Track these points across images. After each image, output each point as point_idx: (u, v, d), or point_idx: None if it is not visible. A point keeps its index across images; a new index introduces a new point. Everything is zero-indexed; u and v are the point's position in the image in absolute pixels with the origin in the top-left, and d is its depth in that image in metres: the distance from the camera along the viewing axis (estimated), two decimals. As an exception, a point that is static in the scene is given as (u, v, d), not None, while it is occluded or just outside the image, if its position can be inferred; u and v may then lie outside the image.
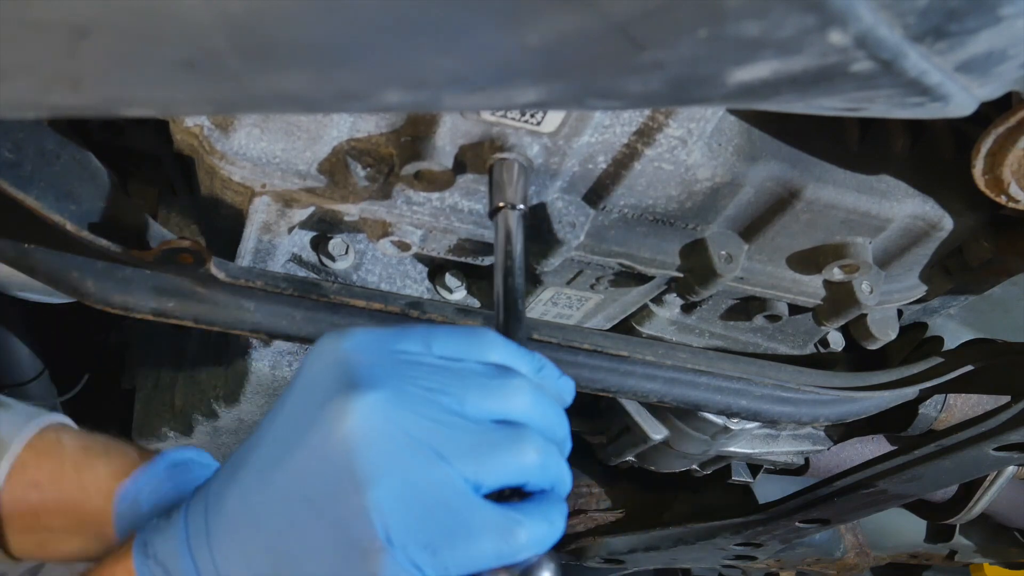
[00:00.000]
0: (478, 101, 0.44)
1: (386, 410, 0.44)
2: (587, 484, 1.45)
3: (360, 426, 0.44)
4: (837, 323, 0.86)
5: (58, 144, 0.66)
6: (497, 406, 0.47)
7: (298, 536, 0.45)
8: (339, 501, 0.44)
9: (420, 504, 0.43)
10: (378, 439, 0.43)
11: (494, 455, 0.45)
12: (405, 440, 0.44)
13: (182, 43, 0.32)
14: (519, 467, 0.46)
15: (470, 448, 0.45)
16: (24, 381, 1.22)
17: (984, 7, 0.32)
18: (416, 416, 0.44)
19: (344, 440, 0.44)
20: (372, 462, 0.43)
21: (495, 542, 0.44)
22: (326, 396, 0.45)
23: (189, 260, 0.66)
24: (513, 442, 0.46)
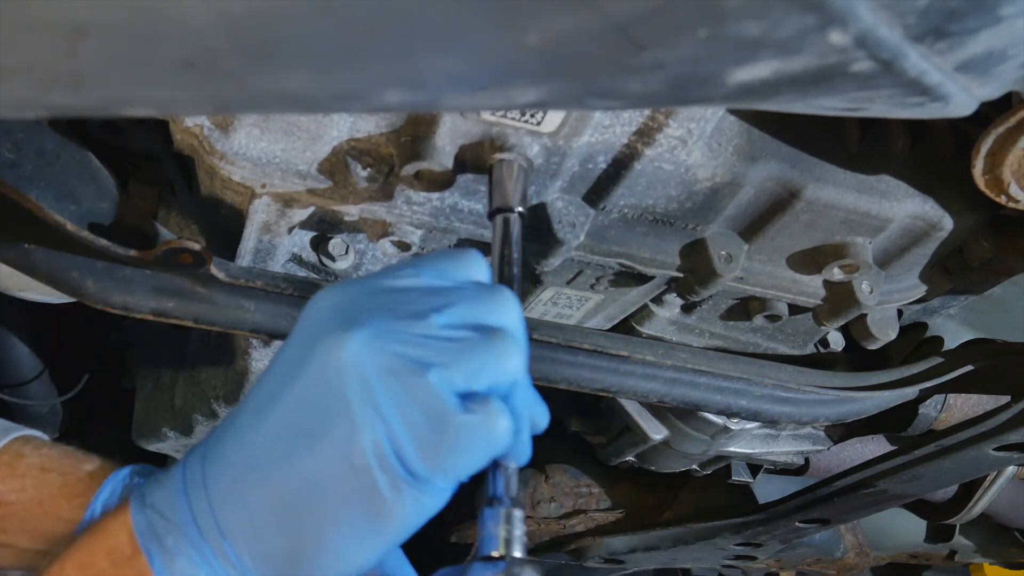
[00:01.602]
0: (478, 101, 0.44)
1: (376, 337, 0.46)
2: (587, 484, 1.45)
3: (351, 355, 0.46)
4: (837, 323, 0.86)
5: (58, 144, 0.66)
6: (481, 314, 0.49)
7: (295, 468, 0.46)
8: (335, 426, 0.45)
9: (410, 422, 0.45)
10: (369, 363, 0.45)
11: (480, 359, 0.47)
12: (394, 361, 0.46)
13: (182, 43, 0.32)
14: (504, 370, 0.48)
15: (457, 356, 0.47)
16: (24, 381, 1.22)
17: (984, 7, 0.32)
18: (405, 337, 0.46)
19: (336, 369, 0.46)
20: (364, 384, 0.45)
21: (484, 435, 0.46)
22: (318, 336, 0.47)
23: (189, 260, 0.66)
24: (499, 345, 0.48)
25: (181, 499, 0.49)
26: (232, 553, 0.48)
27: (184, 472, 0.51)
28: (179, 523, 0.49)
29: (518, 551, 0.50)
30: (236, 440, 0.49)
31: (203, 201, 0.73)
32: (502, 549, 0.50)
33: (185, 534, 0.48)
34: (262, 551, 0.48)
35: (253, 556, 0.48)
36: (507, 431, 0.47)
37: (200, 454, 0.51)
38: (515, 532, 0.50)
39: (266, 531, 0.47)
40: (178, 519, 0.49)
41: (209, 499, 0.48)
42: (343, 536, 0.47)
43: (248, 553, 0.48)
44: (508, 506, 0.51)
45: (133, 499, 0.51)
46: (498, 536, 0.50)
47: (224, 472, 0.49)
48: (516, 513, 0.51)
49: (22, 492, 0.57)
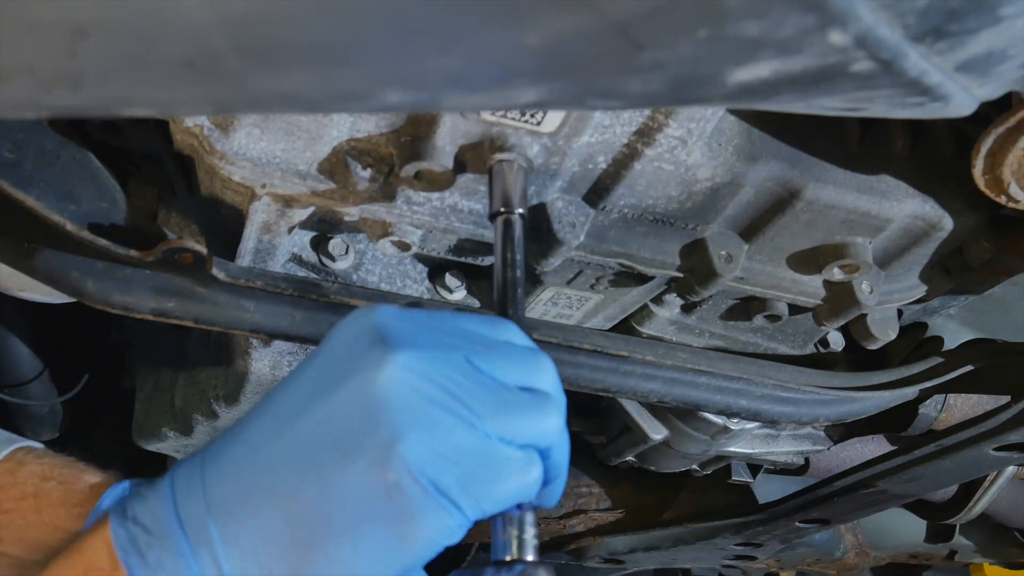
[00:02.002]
0: (478, 101, 0.44)
1: (422, 366, 0.46)
2: (587, 484, 1.45)
3: (397, 377, 0.45)
4: (837, 323, 0.86)
5: (58, 144, 0.66)
6: (526, 375, 0.49)
7: (322, 483, 0.45)
8: (373, 446, 0.45)
9: (452, 448, 0.45)
10: (414, 390, 0.45)
11: (522, 416, 0.47)
12: (440, 393, 0.45)
13: (182, 43, 0.32)
14: (543, 430, 0.48)
15: (500, 407, 0.47)
16: (24, 381, 1.22)
17: (984, 7, 0.32)
18: (451, 373, 0.46)
19: (381, 389, 0.45)
20: (408, 409, 0.45)
21: (518, 479, 0.47)
22: (360, 353, 0.47)
23: (189, 260, 0.66)
24: (540, 406, 0.49)
25: (168, 511, 0.47)
26: (227, 567, 0.46)
27: (173, 484, 0.48)
28: (164, 536, 0.46)
29: (531, 555, 0.50)
30: (250, 450, 0.47)
31: (203, 201, 0.73)
32: (516, 553, 0.50)
33: (170, 547, 0.46)
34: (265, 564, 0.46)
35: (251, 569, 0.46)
36: (538, 481, 0.48)
37: (197, 464, 0.49)
38: (528, 536, 0.51)
39: (275, 546, 0.45)
40: (163, 532, 0.47)
41: (209, 508, 0.46)
42: (361, 555, 0.45)
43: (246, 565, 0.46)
44: (520, 510, 0.51)
45: (113, 513, 0.49)
46: (511, 540, 0.50)
47: (231, 481, 0.47)
48: (528, 517, 0.51)
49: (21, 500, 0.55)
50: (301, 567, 0.46)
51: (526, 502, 0.50)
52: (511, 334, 0.53)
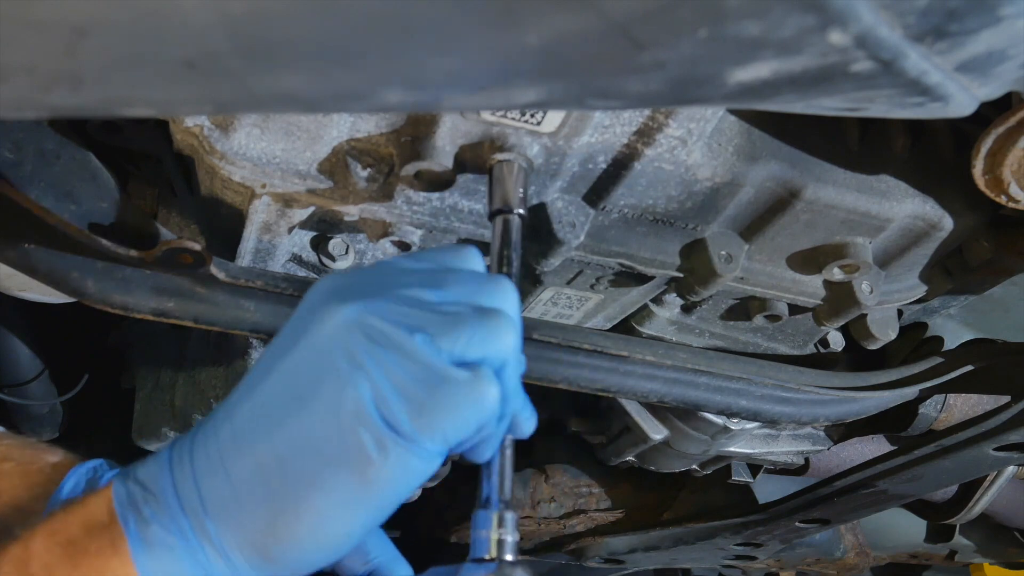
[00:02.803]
0: (478, 101, 0.44)
1: (365, 309, 0.47)
2: (587, 484, 1.45)
3: (341, 325, 0.47)
4: (837, 323, 0.86)
5: (58, 144, 0.66)
6: (478, 296, 0.50)
7: (281, 432, 0.47)
8: (324, 387, 0.46)
9: (403, 380, 0.46)
10: (357, 334, 0.46)
11: (472, 330, 0.47)
12: (383, 330, 0.46)
13: (182, 43, 0.32)
14: (494, 345, 0.48)
15: (446, 325, 0.47)
16: (24, 381, 1.22)
17: (984, 7, 0.33)
18: (395, 308, 0.47)
19: (326, 339, 0.47)
20: (351, 353, 0.46)
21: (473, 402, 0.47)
22: (313, 311, 0.48)
23: (189, 260, 0.66)
24: (490, 321, 0.48)
25: (165, 475, 0.49)
26: (211, 525, 0.47)
27: (171, 451, 0.51)
28: (159, 495, 0.48)
29: (509, 554, 0.50)
30: (226, 415, 0.49)
31: (203, 201, 0.73)
32: (494, 551, 0.50)
33: (164, 505, 0.48)
34: (242, 522, 0.47)
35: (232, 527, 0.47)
36: (495, 399, 0.48)
37: (191, 434, 0.51)
38: (507, 535, 0.51)
39: (247, 500, 0.47)
40: (159, 491, 0.49)
41: (194, 472, 0.48)
42: (327, 502, 0.47)
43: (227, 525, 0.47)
44: (501, 509, 0.51)
45: (117, 475, 0.51)
46: (490, 539, 0.51)
47: (211, 446, 0.49)
48: (508, 516, 0.51)
49: None
50: (276, 521, 0.47)
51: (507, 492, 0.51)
52: (473, 261, 0.54)
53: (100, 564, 0.47)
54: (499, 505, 0.52)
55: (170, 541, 0.47)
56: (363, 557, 0.71)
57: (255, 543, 0.47)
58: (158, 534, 0.47)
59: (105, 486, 0.51)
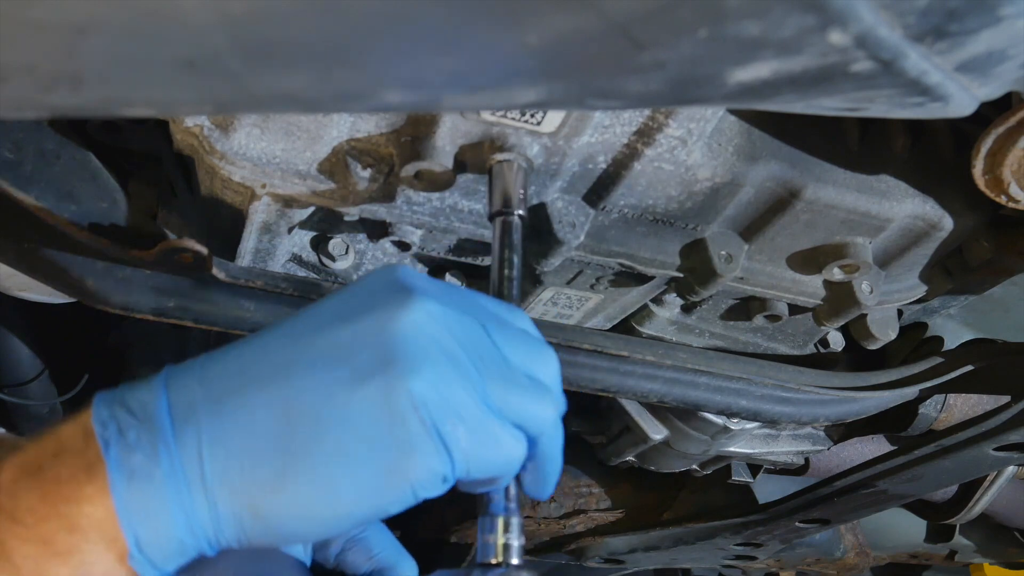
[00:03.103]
0: (478, 101, 0.44)
1: (443, 316, 0.47)
2: (587, 484, 1.45)
3: (419, 319, 0.46)
4: (837, 323, 0.86)
5: (58, 144, 0.66)
6: (531, 363, 0.50)
7: (327, 395, 0.45)
8: (385, 374, 0.44)
9: (460, 400, 0.45)
10: (433, 334, 0.46)
11: (521, 396, 0.48)
12: (455, 346, 0.46)
13: (182, 43, 0.32)
14: (537, 416, 0.48)
15: (504, 380, 0.47)
16: (24, 381, 1.22)
17: (984, 7, 0.33)
18: (467, 333, 0.47)
19: (403, 325, 0.46)
20: (425, 350, 0.45)
21: (508, 451, 0.47)
22: (384, 294, 0.47)
23: (189, 260, 0.66)
24: (539, 393, 0.49)
25: (160, 397, 0.45)
26: (207, 454, 0.44)
27: (168, 375, 0.47)
28: (149, 419, 0.44)
29: (515, 558, 0.51)
30: (260, 350, 0.47)
31: (203, 201, 0.73)
32: (500, 556, 0.51)
33: (152, 428, 0.44)
34: (245, 461, 0.44)
35: (231, 463, 0.44)
36: (520, 460, 0.48)
37: (197, 363, 0.48)
38: (513, 539, 0.51)
39: (261, 441, 0.44)
40: (148, 416, 0.44)
41: (203, 398, 0.45)
42: (347, 477, 0.44)
43: (226, 458, 0.44)
44: (507, 514, 0.52)
45: (98, 396, 0.47)
46: (496, 543, 0.51)
47: (233, 376, 0.46)
48: (514, 521, 0.51)
49: None
50: (284, 475, 0.44)
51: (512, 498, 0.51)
52: (524, 323, 0.54)
53: (71, 491, 0.43)
54: (505, 510, 0.52)
55: (154, 473, 0.43)
56: (367, 553, 0.70)
57: (251, 496, 0.44)
58: (141, 464, 0.43)
59: (81, 411, 0.46)
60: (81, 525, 0.43)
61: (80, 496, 0.43)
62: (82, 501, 0.43)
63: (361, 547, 0.70)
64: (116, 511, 0.43)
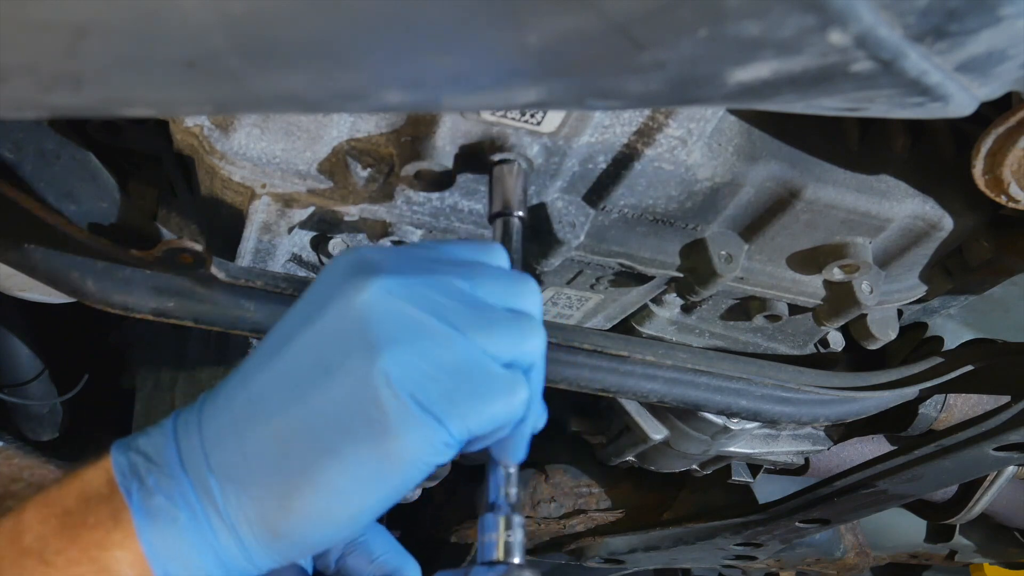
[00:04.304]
0: (478, 101, 0.44)
1: (403, 286, 0.46)
2: (587, 484, 1.45)
3: (377, 297, 0.45)
4: (837, 323, 0.86)
5: (58, 144, 0.66)
6: (509, 297, 0.49)
7: (303, 402, 0.45)
8: (353, 363, 0.44)
9: (435, 363, 0.45)
10: (394, 308, 0.45)
11: (505, 332, 0.47)
12: (421, 310, 0.45)
13: (182, 43, 0.32)
14: (526, 348, 0.48)
15: (483, 322, 0.47)
16: (24, 381, 1.22)
17: (984, 7, 0.33)
18: (433, 292, 0.46)
19: (360, 308, 0.45)
20: (388, 326, 0.45)
21: (505, 398, 0.46)
22: (343, 281, 0.47)
23: (189, 260, 0.66)
24: (523, 324, 0.48)
25: (170, 444, 0.47)
26: (218, 493, 0.46)
27: (176, 421, 0.49)
28: (164, 465, 0.47)
29: (517, 557, 0.50)
30: (240, 383, 0.48)
31: (203, 201, 0.73)
32: (501, 554, 0.50)
33: (169, 474, 0.46)
34: (253, 495, 0.46)
35: (241, 496, 0.46)
36: (524, 400, 0.47)
37: (198, 404, 0.49)
38: (514, 538, 0.51)
39: (260, 469, 0.45)
40: (163, 461, 0.47)
41: (202, 442, 0.47)
42: (344, 476, 0.45)
43: (236, 493, 0.46)
44: (508, 512, 0.51)
45: (115, 445, 0.49)
46: (497, 542, 0.50)
47: (223, 414, 0.47)
48: (516, 519, 0.51)
49: None
50: (290, 495, 0.45)
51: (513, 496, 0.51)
52: (500, 259, 0.53)
53: (100, 536, 0.45)
54: (506, 508, 0.52)
55: (175, 514, 0.46)
56: (367, 557, 0.70)
57: (265, 518, 0.46)
58: (162, 505, 0.46)
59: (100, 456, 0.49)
60: (112, 568, 0.45)
61: (110, 542, 0.45)
62: (112, 546, 0.45)
63: (361, 551, 0.70)
64: (145, 554, 0.45)
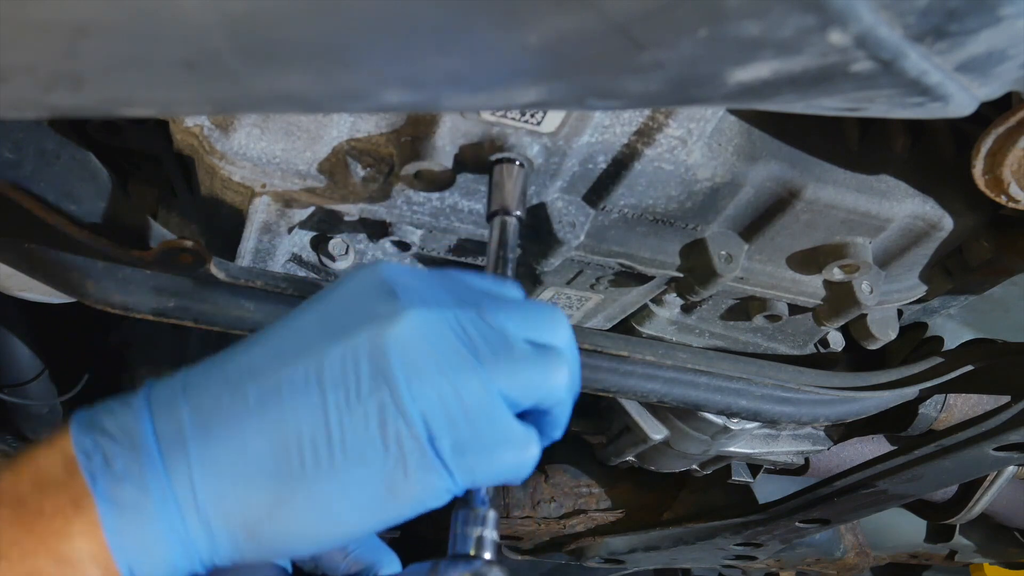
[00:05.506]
0: (478, 101, 0.44)
1: (433, 321, 0.45)
2: (587, 484, 1.45)
3: (408, 332, 0.44)
4: (837, 323, 0.86)
5: (58, 144, 0.66)
6: (536, 330, 0.48)
7: (320, 418, 0.44)
8: (379, 394, 0.44)
9: (456, 408, 0.44)
10: (425, 346, 0.44)
11: (529, 371, 0.46)
12: (449, 350, 0.45)
13: (182, 43, 0.32)
14: (550, 388, 0.47)
15: (507, 360, 0.46)
16: (24, 381, 1.22)
17: (984, 7, 0.33)
18: (460, 329, 0.46)
19: (393, 341, 0.44)
20: (418, 365, 0.44)
21: (515, 455, 0.46)
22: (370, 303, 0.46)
23: (189, 260, 0.66)
24: (549, 360, 0.47)
25: (144, 424, 0.44)
26: (200, 485, 0.43)
27: (150, 397, 0.45)
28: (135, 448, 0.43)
29: (488, 552, 0.50)
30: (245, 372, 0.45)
31: (203, 201, 0.73)
32: (474, 550, 0.50)
33: (141, 460, 0.43)
34: (240, 491, 0.43)
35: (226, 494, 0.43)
36: (534, 460, 0.47)
37: (179, 382, 0.46)
38: (487, 534, 0.50)
39: (256, 474, 0.43)
40: (134, 444, 0.43)
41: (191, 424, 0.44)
42: (344, 499, 0.44)
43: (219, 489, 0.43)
44: (482, 507, 0.51)
45: (75, 422, 0.45)
46: (470, 536, 0.50)
47: (220, 399, 0.44)
48: (490, 514, 0.50)
49: None
50: (281, 501, 0.44)
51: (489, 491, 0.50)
52: (517, 294, 0.53)
53: (59, 526, 0.42)
54: (481, 503, 0.51)
55: (144, 504, 0.42)
56: (342, 551, 0.69)
57: (246, 521, 0.44)
58: (130, 495, 0.42)
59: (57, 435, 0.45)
60: (71, 559, 0.42)
61: (69, 531, 0.42)
62: (72, 536, 0.42)
63: (337, 546, 0.69)
64: (108, 545, 0.42)
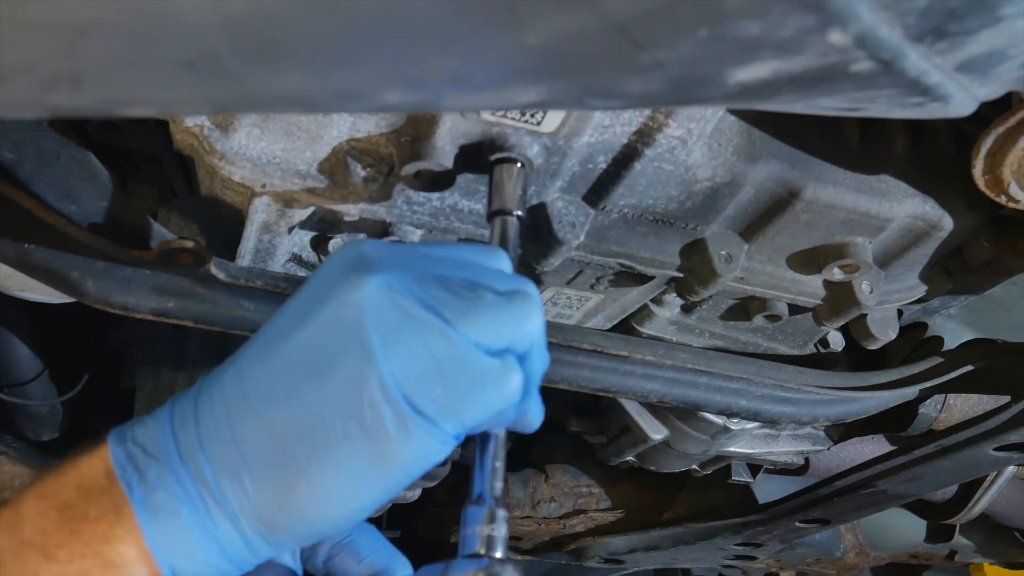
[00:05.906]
0: (478, 101, 0.45)
1: (398, 284, 0.46)
2: (587, 484, 1.45)
3: (372, 296, 0.45)
4: (837, 323, 0.86)
5: (58, 144, 0.66)
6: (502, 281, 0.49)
7: (298, 402, 0.45)
8: (350, 362, 0.45)
9: (430, 363, 0.45)
10: (389, 308, 0.45)
11: (498, 317, 0.47)
12: (414, 308, 0.45)
13: (182, 43, 0.32)
14: (522, 333, 0.48)
15: (476, 311, 0.46)
16: (24, 381, 1.22)
17: (984, 7, 0.33)
18: (426, 288, 0.46)
19: (356, 308, 0.45)
20: (383, 328, 0.45)
21: (497, 389, 0.46)
22: (341, 278, 0.47)
23: (189, 260, 0.66)
24: (518, 306, 0.48)
25: (167, 436, 0.47)
26: (217, 490, 0.46)
27: (172, 412, 0.49)
28: (163, 458, 0.46)
29: (499, 551, 0.50)
30: (236, 376, 0.48)
31: (203, 201, 0.73)
32: (483, 548, 0.50)
33: (169, 468, 0.46)
34: (250, 489, 0.46)
35: (239, 493, 0.46)
36: (519, 388, 0.47)
37: (192, 394, 0.49)
38: (497, 532, 0.50)
39: (258, 467, 0.46)
40: (162, 454, 0.47)
41: (199, 436, 0.46)
42: (340, 476, 0.46)
43: (235, 490, 0.46)
44: (492, 506, 0.51)
45: (112, 435, 0.49)
46: (480, 535, 0.50)
47: (218, 407, 0.47)
48: (500, 513, 0.51)
49: None
50: (286, 492, 0.46)
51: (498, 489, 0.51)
52: (502, 262, 0.53)
53: (103, 530, 0.45)
54: (490, 502, 0.51)
55: (176, 507, 0.46)
56: (356, 557, 0.70)
57: (262, 514, 0.46)
58: (164, 500, 0.46)
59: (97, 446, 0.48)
60: (116, 562, 0.45)
61: (113, 536, 0.45)
62: (115, 540, 0.45)
63: (349, 552, 0.70)
64: (149, 549, 0.45)
